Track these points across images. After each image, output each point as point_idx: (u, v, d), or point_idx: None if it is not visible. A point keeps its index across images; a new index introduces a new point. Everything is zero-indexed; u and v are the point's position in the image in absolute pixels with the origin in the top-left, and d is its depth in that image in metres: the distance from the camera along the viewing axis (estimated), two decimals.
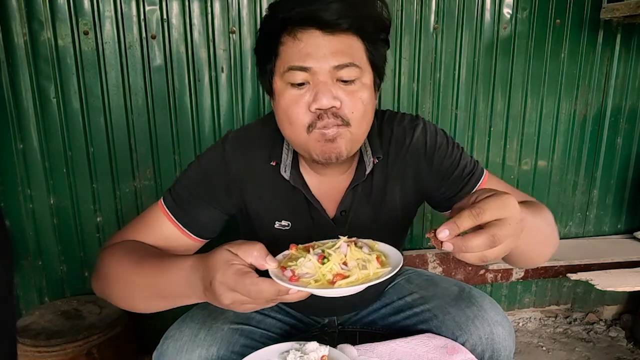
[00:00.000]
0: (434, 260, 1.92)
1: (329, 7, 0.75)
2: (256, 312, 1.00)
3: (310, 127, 0.80)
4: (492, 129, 1.89)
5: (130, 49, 1.55)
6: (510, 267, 1.82)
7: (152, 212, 0.93)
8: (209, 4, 1.56)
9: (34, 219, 1.61)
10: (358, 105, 0.81)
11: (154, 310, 0.80)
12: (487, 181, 0.97)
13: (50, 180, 1.59)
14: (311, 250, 0.73)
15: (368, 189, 0.96)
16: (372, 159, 0.92)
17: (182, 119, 1.64)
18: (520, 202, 0.63)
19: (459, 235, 0.58)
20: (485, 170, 0.99)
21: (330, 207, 0.96)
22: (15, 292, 1.66)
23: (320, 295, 0.65)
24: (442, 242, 0.59)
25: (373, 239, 0.85)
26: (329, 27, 0.77)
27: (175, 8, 1.54)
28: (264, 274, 0.66)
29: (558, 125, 1.94)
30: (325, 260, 0.69)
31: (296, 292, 0.65)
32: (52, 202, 1.61)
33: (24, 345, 1.39)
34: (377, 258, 0.70)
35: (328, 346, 0.77)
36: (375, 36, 0.83)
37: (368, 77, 0.83)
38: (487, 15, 1.77)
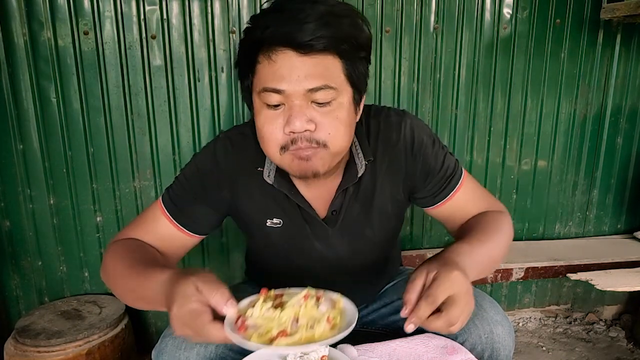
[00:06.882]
0: None
1: (304, 27, 0.73)
2: None
3: (283, 148, 0.80)
4: (492, 129, 1.89)
5: (130, 49, 1.55)
6: (511, 267, 1.82)
7: (151, 211, 0.97)
8: (209, 4, 1.56)
9: (34, 219, 1.61)
10: (334, 125, 0.79)
11: (143, 309, 0.92)
12: (465, 183, 1.00)
13: (50, 180, 1.59)
14: (274, 299, 0.74)
15: (358, 187, 0.96)
16: (364, 162, 0.91)
17: (182, 119, 1.64)
18: (466, 240, 0.85)
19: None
20: (464, 172, 1.01)
21: (321, 207, 0.96)
22: None
23: (258, 352, 0.69)
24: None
25: (366, 236, 0.95)
26: (303, 48, 0.74)
27: (175, 8, 1.54)
28: None
29: (558, 125, 1.94)
30: (281, 310, 0.70)
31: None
32: (52, 202, 1.61)
33: (24, 345, 1.39)
34: (328, 319, 0.70)
35: (328, 346, 0.77)
36: (354, 55, 0.80)
37: (346, 96, 0.81)
38: (487, 15, 1.77)
